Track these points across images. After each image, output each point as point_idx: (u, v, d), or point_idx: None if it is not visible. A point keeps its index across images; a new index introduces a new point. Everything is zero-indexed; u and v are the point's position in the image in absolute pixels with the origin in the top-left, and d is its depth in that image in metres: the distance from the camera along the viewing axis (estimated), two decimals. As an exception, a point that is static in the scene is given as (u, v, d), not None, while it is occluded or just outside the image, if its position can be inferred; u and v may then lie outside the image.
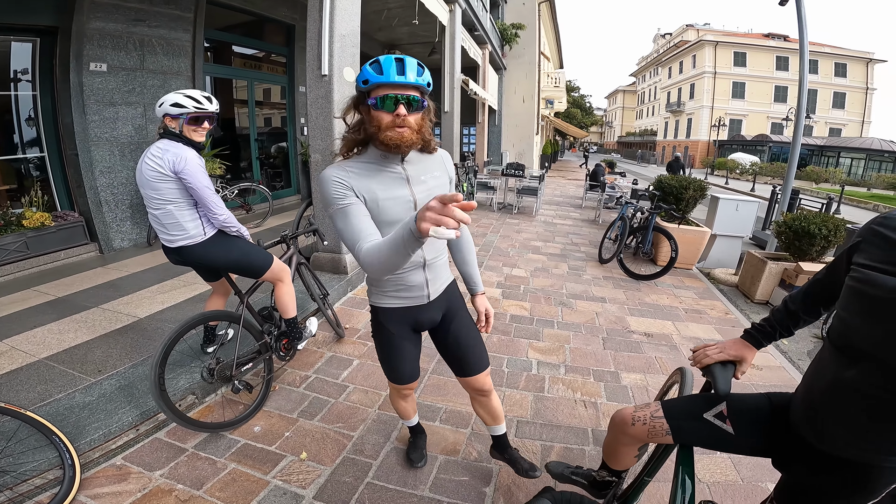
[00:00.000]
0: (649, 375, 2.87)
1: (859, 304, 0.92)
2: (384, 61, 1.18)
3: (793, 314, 1.23)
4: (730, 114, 36.54)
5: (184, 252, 2.21)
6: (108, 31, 4.60)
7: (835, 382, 0.97)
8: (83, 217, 4.76)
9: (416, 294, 1.45)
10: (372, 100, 1.19)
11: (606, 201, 8.90)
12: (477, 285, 1.67)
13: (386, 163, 1.29)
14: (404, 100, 1.19)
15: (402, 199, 1.30)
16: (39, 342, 2.86)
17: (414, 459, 1.97)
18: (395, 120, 1.19)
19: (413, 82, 1.18)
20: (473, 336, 1.61)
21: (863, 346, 0.90)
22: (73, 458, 1.76)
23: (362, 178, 1.25)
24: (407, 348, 1.54)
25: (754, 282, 4.62)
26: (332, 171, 1.25)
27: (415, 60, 1.21)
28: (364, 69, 1.20)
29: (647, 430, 1.25)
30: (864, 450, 0.94)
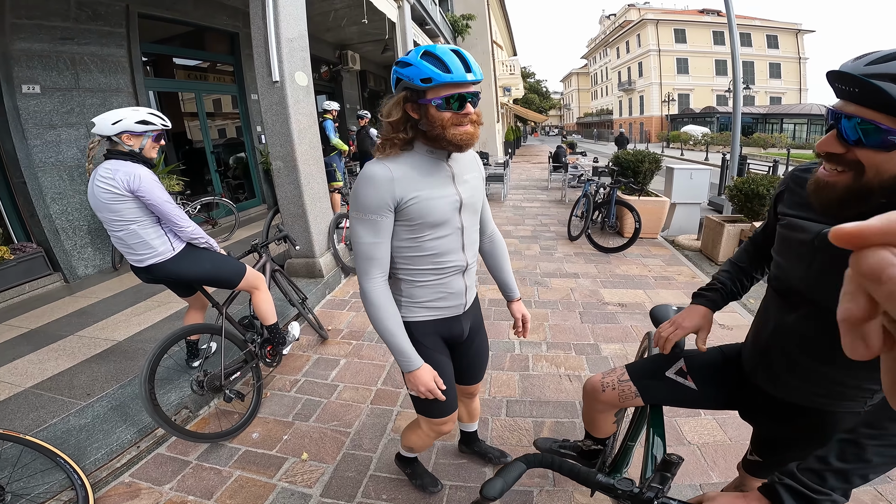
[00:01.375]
0: (627, 344, 3.04)
1: (788, 248, 0.97)
2: (444, 56, 1.07)
3: (740, 270, 1.26)
4: (677, 89, 38.20)
5: (154, 270, 2.18)
6: (35, 52, 4.35)
7: (777, 327, 1.01)
8: (42, 247, 4.55)
9: (455, 303, 1.36)
10: (437, 100, 1.09)
11: (570, 181, 9.16)
12: (514, 291, 1.62)
13: (433, 160, 1.21)
14: (470, 98, 1.12)
15: (449, 198, 1.23)
16: (22, 373, 2.80)
17: (430, 483, 1.86)
18: (461, 119, 1.12)
19: (478, 79, 1.11)
20: (488, 348, 1.62)
21: (799, 288, 0.93)
22: (83, 479, 1.77)
23: (410, 178, 1.17)
24: (443, 362, 1.38)
25: (715, 245, 4.91)
26: (378, 168, 1.15)
27: (468, 53, 1.13)
28: (420, 65, 1.08)
29: (617, 394, 1.29)
30: (814, 394, 0.98)
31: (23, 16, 4.20)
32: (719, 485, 1.81)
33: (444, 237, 1.25)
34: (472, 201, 1.30)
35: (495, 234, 1.60)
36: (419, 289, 1.30)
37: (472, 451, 2.02)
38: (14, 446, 1.74)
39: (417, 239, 1.23)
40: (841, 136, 0.77)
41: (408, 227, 1.21)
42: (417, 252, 1.25)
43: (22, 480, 1.78)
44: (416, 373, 1.23)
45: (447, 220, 1.23)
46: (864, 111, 0.73)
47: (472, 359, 1.55)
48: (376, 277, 1.20)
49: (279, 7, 3.57)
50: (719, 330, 3.17)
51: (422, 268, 1.27)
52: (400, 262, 1.27)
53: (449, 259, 1.28)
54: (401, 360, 1.24)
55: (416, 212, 1.18)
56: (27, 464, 1.81)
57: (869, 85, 0.70)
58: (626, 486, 0.79)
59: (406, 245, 1.24)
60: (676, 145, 28.91)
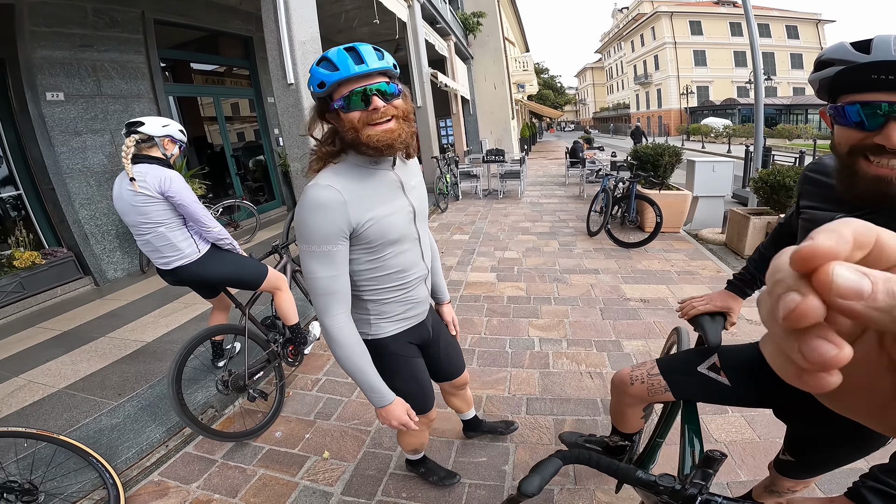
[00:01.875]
0: (650, 340, 2.97)
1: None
2: (335, 55, 1.00)
3: (767, 259, 1.24)
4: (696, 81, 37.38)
5: (180, 272, 2.23)
6: (56, 59, 4.48)
7: None
8: (72, 252, 4.72)
9: (421, 310, 1.35)
10: (338, 102, 1.01)
11: (588, 176, 9.03)
12: (445, 294, 1.60)
13: (377, 168, 1.11)
14: (374, 91, 1.00)
15: (403, 210, 1.16)
16: (55, 374, 2.91)
17: (446, 477, 1.85)
18: (371, 115, 1.01)
19: (378, 68, 1.00)
20: (454, 339, 1.62)
21: None
22: (114, 478, 1.82)
23: (361, 197, 1.07)
24: (422, 367, 1.42)
25: (741, 238, 4.77)
26: (325, 193, 1.02)
27: (370, 45, 1.03)
28: (313, 71, 1.02)
29: (646, 388, 1.26)
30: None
31: (41, 24, 4.33)
32: (748, 484, 1.75)
33: (405, 252, 1.21)
34: (422, 208, 1.25)
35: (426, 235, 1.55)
36: (387, 305, 1.25)
37: (479, 432, 2.02)
38: (48, 446, 1.79)
39: (379, 259, 1.16)
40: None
41: (367, 250, 1.13)
42: (381, 272, 1.18)
43: (55, 479, 1.84)
44: (389, 408, 1.19)
45: (405, 234, 1.18)
46: None
47: (446, 353, 1.55)
48: (338, 314, 1.10)
49: (291, 11, 3.61)
50: (746, 325, 3.06)
51: (387, 286, 1.22)
52: (363, 284, 1.20)
53: (412, 272, 1.25)
54: (372, 397, 1.18)
55: (376, 233, 1.10)
56: (60, 463, 1.86)
57: None
58: (669, 483, 0.78)
59: (367, 268, 1.16)
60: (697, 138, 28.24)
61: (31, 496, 1.68)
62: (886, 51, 0.72)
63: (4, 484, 1.64)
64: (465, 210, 7.74)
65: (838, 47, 0.78)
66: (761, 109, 5.66)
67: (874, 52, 0.73)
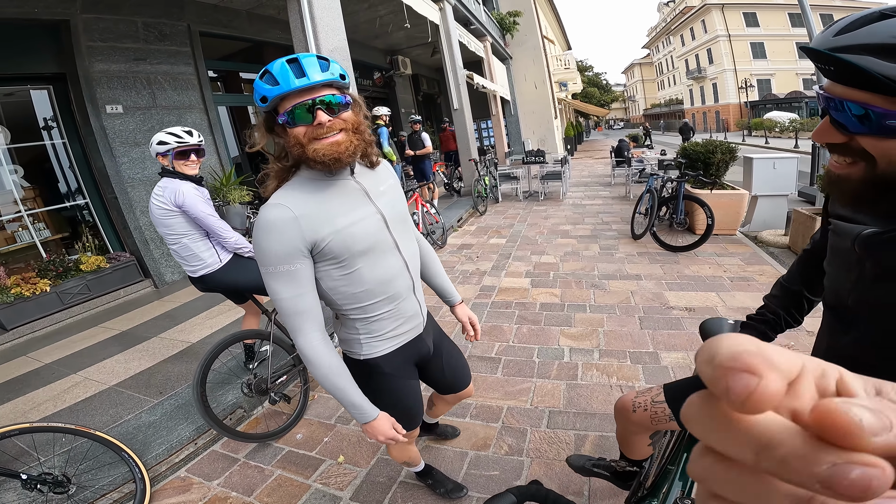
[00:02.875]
0: (692, 353, 2.73)
1: (835, 257, 0.84)
2: (276, 68, 0.97)
3: (792, 294, 1.08)
4: (755, 74, 34.77)
5: (206, 280, 2.34)
6: (113, 73, 4.77)
7: (830, 349, 0.88)
8: (134, 256, 5.11)
9: (414, 324, 1.28)
10: (282, 117, 0.98)
11: (634, 175, 8.61)
12: (454, 295, 1.52)
13: (336, 180, 1.07)
14: (319, 104, 0.97)
15: (370, 217, 1.10)
16: (109, 371, 3.14)
17: (454, 490, 1.81)
18: (316, 131, 0.98)
19: (320, 81, 0.97)
20: (459, 351, 1.56)
21: (849, 303, 0.80)
22: (143, 473, 1.93)
23: (316, 211, 1.03)
24: (415, 386, 1.37)
25: (806, 240, 4.32)
26: (275, 212, 1.00)
27: (314, 55, 1.00)
28: (257, 86, 0.99)
29: (648, 416, 1.17)
30: None
31: (96, 38, 4.65)
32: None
33: (381, 262, 1.14)
34: (395, 213, 1.18)
35: (420, 240, 1.44)
36: (375, 323, 1.19)
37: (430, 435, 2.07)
38: (86, 441, 1.93)
39: (353, 274, 1.10)
40: (836, 121, 0.64)
41: (335, 265, 1.08)
42: (358, 287, 1.12)
43: (89, 473, 1.97)
44: (373, 423, 1.15)
45: (376, 243, 1.11)
46: (850, 92, 0.60)
47: (450, 366, 1.49)
48: (310, 333, 1.07)
49: (316, 20, 3.69)
50: (806, 337, 2.75)
51: (370, 302, 1.15)
52: (345, 302, 1.14)
53: (395, 283, 1.18)
54: (355, 414, 1.14)
55: (339, 246, 1.05)
56: (96, 457, 1.99)
57: (840, 62, 0.57)
58: None
59: (341, 284, 1.11)
60: (760, 133, 26.22)
61: (63, 488, 1.79)
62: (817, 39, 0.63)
63: (39, 476, 1.75)
64: (504, 213, 7.62)
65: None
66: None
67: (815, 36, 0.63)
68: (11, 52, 4.27)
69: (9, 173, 4.47)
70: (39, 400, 2.83)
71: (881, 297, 0.71)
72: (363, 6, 7.07)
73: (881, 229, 0.69)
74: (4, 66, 4.26)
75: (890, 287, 0.69)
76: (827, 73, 0.62)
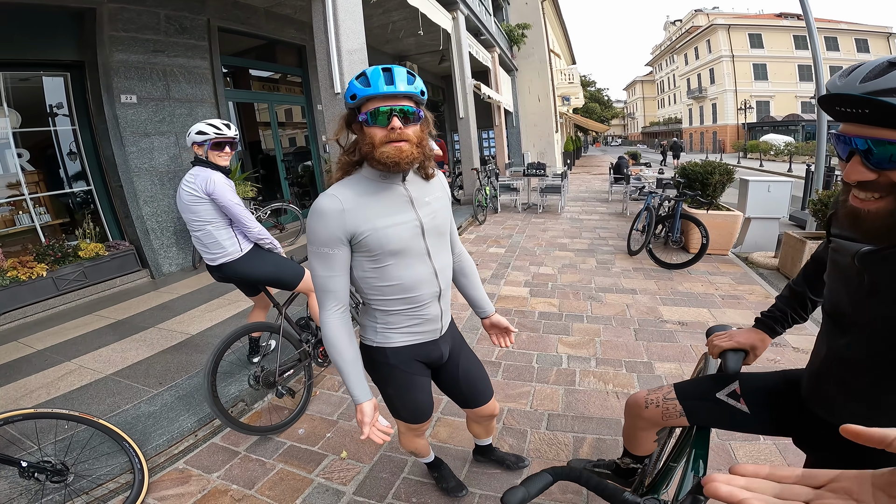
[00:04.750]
0: (684, 364, 2.83)
1: (836, 271, 0.94)
2: (371, 73, 1.09)
3: (798, 295, 1.22)
4: (755, 96, 35.32)
5: (225, 269, 2.39)
6: (131, 63, 4.83)
7: (829, 353, 0.97)
8: (133, 245, 5.11)
9: (432, 328, 1.35)
10: (363, 115, 1.10)
11: (632, 193, 8.76)
12: (489, 306, 1.59)
13: (386, 182, 1.19)
14: (398, 112, 1.09)
15: (408, 223, 1.20)
16: (105, 360, 3.12)
17: (455, 489, 1.85)
18: (389, 134, 1.09)
19: (404, 91, 1.09)
20: (479, 365, 1.59)
21: (848, 311, 0.90)
22: (142, 463, 1.93)
23: (362, 207, 1.15)
24: (423, 382, 1.43)
25: (795, 262, 4.45)
26: (327, 201, 1.14)
27: (404, 69, 1.12)
28: (350, 84, 1.12)
29: (660, 412, 1.24)
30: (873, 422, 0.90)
31: (119, 28, 4.72)
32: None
33: (409, 265, 1.22)
34: (434, 224, 1.26)
35: (463, 254, 1.54)
36: (393, 316, 1.28)
37: (487, 459, 2.00)
38: (86, 429, 1.91)
39: (381, 269, 1.21)
40: (867, 160, 0.72)
41: (369, 258, 1.19)
42: (384, 282, 1.22)
43: (87, 462, 1.95)
44: (359, 406, 1.23)
45: (408, 247, 1.21)
46: (877, 131, 0.69)
47: (465, 381, 1.51)
48: (332, 309, 1.20)
49: (339, 21, 3.77)
50: (792, 353, 2.90)
51: (392, 297, 1.24)
52: (370, 292, 1.25)
53: (420, 287, 1.25)
54: (350, 392, 1.24)
55: (374, 242, 1.16)
56: (95, 446, 1.98)
57: (877, 103, 0.66)
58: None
59: (371, 276, 1.22)
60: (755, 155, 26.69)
61: (61, 476, 1.77)
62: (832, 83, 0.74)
63: (38, 463, 1.73)
64: (503, 223, 7.70)
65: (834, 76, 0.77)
66: (824, 126, 5.31)
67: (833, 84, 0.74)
68: (35, 39, 4.34)
69: (15, 156, 4.47)
70: (32, 387, 2.79)
71: (875, 307, 0.81)
72: (378, 11, 7.18)
73: (876, 247, 0.79)
74: (27, 52, 4.32)
75: (883, 298, 0.79)
76: (849, 116, 0.72)
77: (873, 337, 0.84)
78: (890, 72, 0.67)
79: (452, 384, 1.53)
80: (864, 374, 0.89)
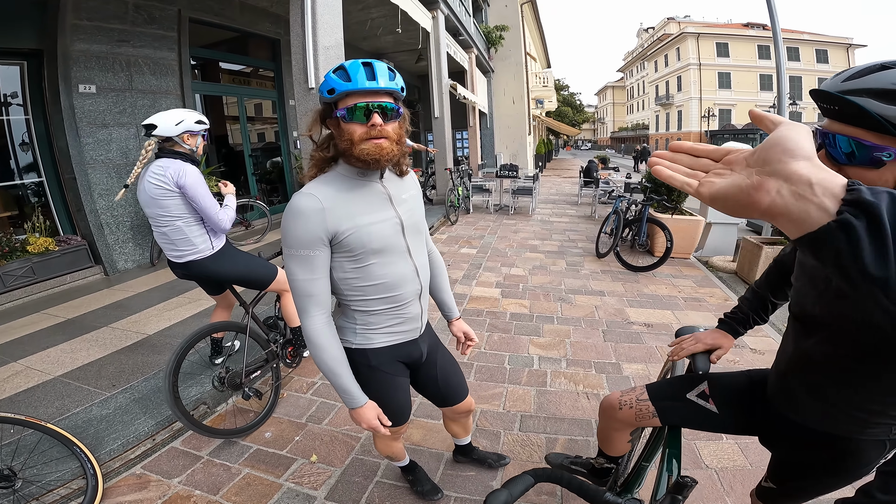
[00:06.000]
0: (650, 364, 2.92)
1: (803, 273, 0.98)
2: (350, 67, 1.05)
3: (761, 298, 1.29)
4: (718, 104, 37.09)
5: (192, 266, 2.27)
6: (93, 53, 4.61)
7: (795, 352, 1.00)
8: (86, 240, 4.82)
9: (412, 327, 1.33)
10: (341, 111, 1.05)
11: (601, 196, 8.98)
12: (454, 310, 1.59)
13: (364, 179, 1.15)
14: (377, 108, 1.06)
15: (389, 220, 1.18)
16: (53, 361, 2.93)
17: (430, 492, 1.83)
18: (369, 131, 1.06)
19: (385, 87, 1.06)
20: (455, 363, 1.59)
21: (814, 312, 0.94)
22: (95, 468, 1.82)
23: (342, 206, 1.11)
24: (404, 383, 1.41)
25: (752, 267, 4.67)
26: (305, 201, 1.08)
27: (385, 64, 1.08)
28: (328, 77, 1.07)
29: (634, 413, 1.28)
30: (835, 420, 0.95)
31: (83, 17, 4.48)
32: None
33: (392, 263, 1.21)
34: (412, 221, 1.26)
35: (434, 253, 1.53)
36: (374, 316, 1.25)
37: (468, 459, 2.00)
38: (34, 433, 1.79)
39: (363, 269, 1.18)
40: (830, 156, 0.77)
41: (350, 258, 1.16)
42: (366, 281, 1.19)
43: (36, 467, 1.84)
44: (360, 410, 1.21)
45: (390, 245, 1.19)
46: (847, 129, 0.74)
47: (442, 379, 1.51)
48: (315, 316, 1.15)
49: (317, 16, 3.68)
50: (750, 354, 3.04)
51: (374, 297, 1.22)
52: (351, 293, 1.21)
53: (401, 286, 1.24)
54: (345, 398, 1.21)
55: (356, 241, 1.13)
56: (44, 451, 1.86)
57: (846, 101, 0.71)
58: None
59: (352, 276, 1.18)
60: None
61: (8, 482, 1.68)
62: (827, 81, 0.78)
63: None
64: (474, 224, 7.74)
65: None
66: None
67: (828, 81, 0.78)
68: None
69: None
70: (-25, 389, 2.60)
71: (842, 308, 0.85)
72: (357, 7, 7.07)
73: None
74: None
75: (849, 301, 0.84)
76: (827, 112, 0.76)
77: (839, 337, 0.88)
78: (874, 73, 0.70)
79: (430, 383, 1.51)
80: (828, 373, 0.93)
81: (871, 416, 0.90)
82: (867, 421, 0.91)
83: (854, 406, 0.91)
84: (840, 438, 0.97)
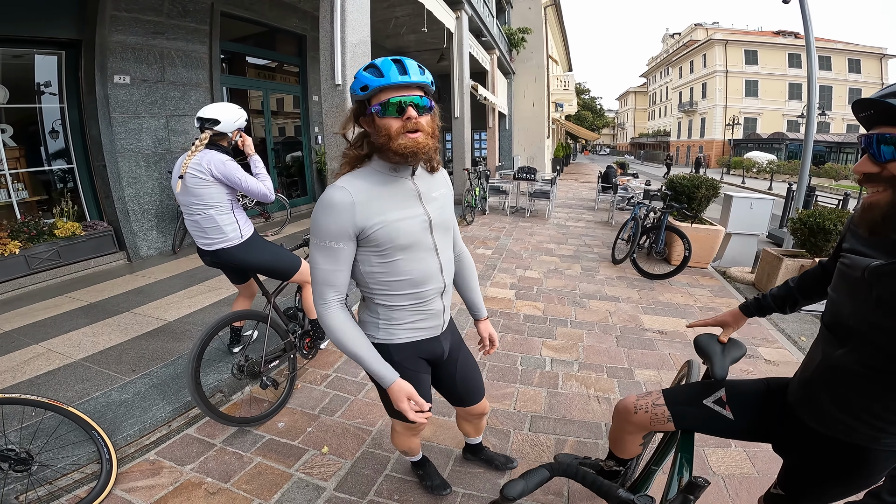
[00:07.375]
0: (663, 371, 2.89)
1: (843, 283, 0.99)
2: (382, 64, 1.08)
3: (791, 292, 1.31)
4: (744, 112, 36.16)
5: (221, 254, 2.34)
6: (129, 44, 4.75)
7: (824, 361, 1.01)
8: (112, 226, 4.96)
9: (434, 324, 1.34)
10: (375, 107, 1.08)
11: (619, 202, 8.89)
12: (482, 310, 1.60)
13: (395, 175, 1.17)
14: (411, 102, 1.08)
15: (417, 217, 1.19)
16: (75, 344, 3.00)
17: (439, 487, 1.84)
18: (405, 125, 1.08)
19: (417, 81, 1.09)
20: (475, 364, 1.59)
21: (849, 323, 0.94)
22: (111, 453, 1.84)
23: (372, 200, 1.13)
24: (425, 380, 1.41)
25: (770, 279, 4.58)
26: (337, 194, 1.10)
27: (414, 61, 1.11)
28: (359, 75, 1.09)
29: (649, 417, 1.29)
30: (855, 429, 0.97)
31: (122, 8, 4.63)
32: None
33: (418, 260, 1.22)
34: (441, 219, 1.26)
35: (463, 252, 1.55)
36: (397, 311, 1.26)
37: (477, 458, 2.01)
38: (53, 416, 1.80)
39: (389, 263, 1.19)
40: (873, 156, 0.82)
41: (377, 253, 1.17)
42: (392, 276, 1.21)
43: (53, 451, 1.86)
44: (390, 389, 1.21)
45: (417, 242, 1.20)
46: (883, 128, 0.80)
47: (461, 379, 1.52)
48: (331, 301, 1.17)
49: (346, 13, 3.73)
50: (764, 365, 3.00)
51: (399, 292, 1.23)
52: (376, 287, 1.23)
53: (426, 282, 1.25)
54: (375, 379, 1.23)
55: (384, 236, 1.14)
56: (62, 435, 1.88)
57: (882, 104, 0.78)
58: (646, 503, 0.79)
59: (379, 270, 1.20)
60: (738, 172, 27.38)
61: (24, 465, 1.68)
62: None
63: (2, 451, 1.64)
64: (490, 225, 7.74)
65: None
66: (810, 146, 5.37)
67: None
68: (35, 16, 4.25)
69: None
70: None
71: (879, 319, 0.87)
72: (382, 5, 7.13)
73: (886, 261, 0.86)
74: (26, 30, 4.23)
75: (887, 310, 0.85)
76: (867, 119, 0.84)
77: (872, 348, 0.89)
78: None
79: (449, 382, 1.52)
80: (854, 383, 0.94)
81: (889, 426, 0.93)
82: (886, 431, 0.93)
83: (875, 416, 0.93)
84: (856, 447, 0.98)
